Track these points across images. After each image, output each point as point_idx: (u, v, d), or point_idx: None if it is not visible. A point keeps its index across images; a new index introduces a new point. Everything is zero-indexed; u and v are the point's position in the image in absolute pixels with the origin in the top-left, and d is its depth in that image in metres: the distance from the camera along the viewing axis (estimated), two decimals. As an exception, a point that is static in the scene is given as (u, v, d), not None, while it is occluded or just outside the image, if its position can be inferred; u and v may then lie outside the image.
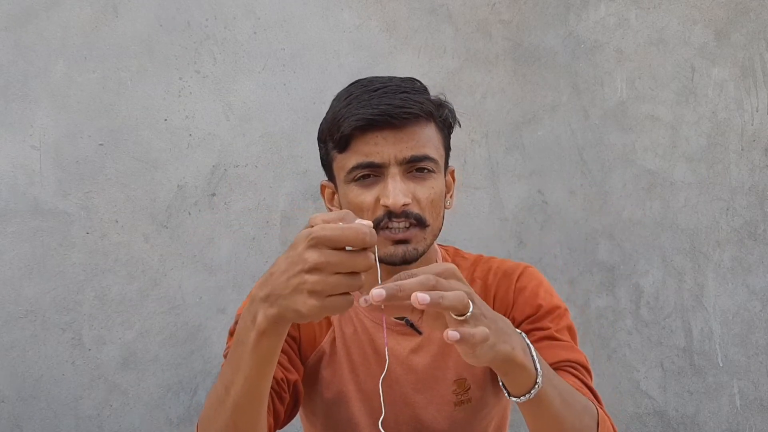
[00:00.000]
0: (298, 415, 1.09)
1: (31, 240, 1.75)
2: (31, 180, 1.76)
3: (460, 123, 0.99)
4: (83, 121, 1.78)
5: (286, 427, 0.96)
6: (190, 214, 1.83)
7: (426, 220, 0.89)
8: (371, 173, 0.89)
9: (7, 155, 1.75)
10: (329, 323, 1.00)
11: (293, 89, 1.89)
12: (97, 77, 1.79)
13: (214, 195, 1.85)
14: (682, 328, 2.02)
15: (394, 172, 0.87)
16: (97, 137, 1.79)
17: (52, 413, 1.76)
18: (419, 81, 0.94)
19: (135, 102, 1.81)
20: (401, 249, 0.89)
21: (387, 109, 0.86)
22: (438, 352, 0.99)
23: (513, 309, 0.99)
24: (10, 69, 1.75)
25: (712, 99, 2.03)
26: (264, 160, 1.87)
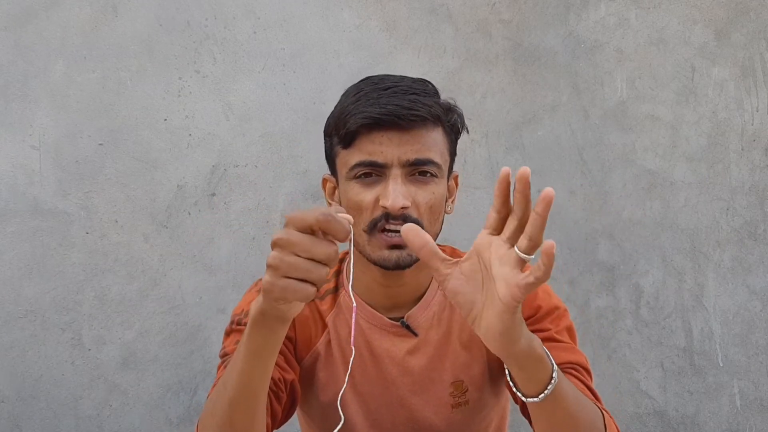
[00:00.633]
0: (296, 415, 1.09)
1: (30, 240, 1.75)
2: (31, 180, 1.76)
3: (468, 130, 0.97)
4: (83, 120, 1.78)
5: (284, 426, 0.96)
6: (189, 214, 1.83)
7: (423, 226, 0.87)
8: (373, 172, 0.88)
9: (7, 155, 1.75)
10: (324, 325, 1.00)
11: (293, 89, 1.89)
12: (96, 77, 1.79)
13: (213, 195, 1.85)
14: (682, 328, 2.02)
15: (396, 173, 0.86)
16: (97, 137, 1.79)
17: (51, 413, 1.75)
18: (431, 83, 0.93)
19: (135, 102, 1.81)
20: (395, 254, 0.88)
21: (395, 109, 0.85)
22: (434, 353, 0.98)
23: None
24: (9, 69, 1.75)
25: (713, 99, 2.03)
26: (264, 160, 1.87)
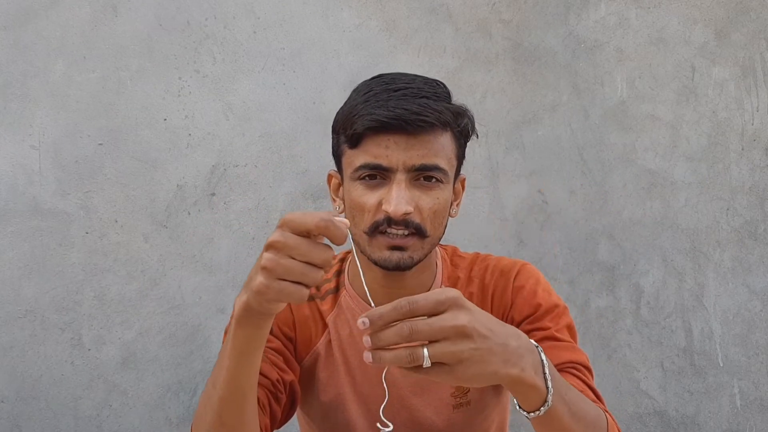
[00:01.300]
0: (296, 416, 1.09)
1: (30, 240, 1.75)
2: (31, 180, 1.75)
3: (478, 134, 0.96)
4: (82, 120, 1.78)
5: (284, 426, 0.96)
6: (189, 213, 1.83)
7: (426, 231, 0.87)
8: (378, 175, 0.87)
9: (7, 155, 1.74)
10: (324, 325, 1.00)
11: (293, 89, 1.89)
12: (96, 77, 1.79)
13: (213, 195, 1.85)
14: (683, 328, 2.02)
15: (400, 178, 0.85)
16: (97, 137, 1.79)
17: (51, 413, 1.75)
18: (443, 85, 0.91)
19: (134, 102, 1.81)
20: (396, 255, 0.87)
21: (403, 113, 0.83)
22: None
23: (512, 309, 0.98)
24: (9, 68, 1.75)
25: (713, 99, 2.03)
26: (264, 159, 1.87)
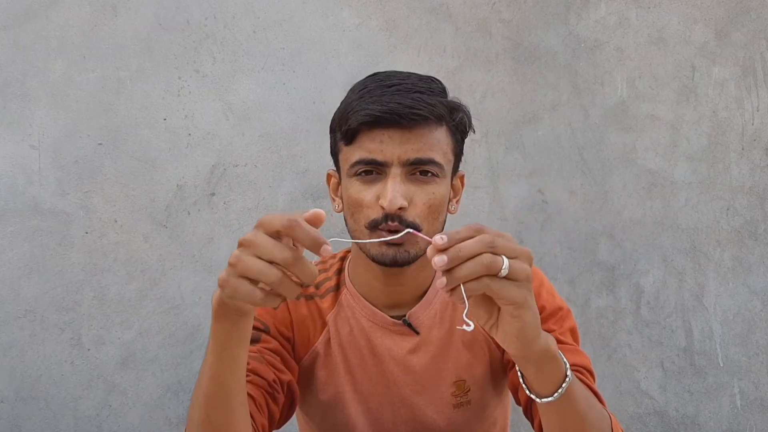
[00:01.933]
0: (295, 416, 1.08)
1: (30, 240, 1.75)
2: (30, 179, 1.75)
3: (474, 129, 0.96)
4: (82, 120, 1.78)
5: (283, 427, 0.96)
6: (189, 213, 1.83)
7: (420, 227, 0.87)
8: (373, 170, 0.87)
9: (6, 155, 1.74)
10: (323, 324, 1.00)
11: (293, 89, 1.88)
12: (96, 76, 1.79)
13: (213, 195, 1.84)
14: (683, 328, 2.02)
15: (395, 172, 0.86)
16: (96, 137, 1.79)
17: (51, 413, 1.75)
18: (439, 82, 0.92)
19: (134, 101, 1.80)
20: (392, 251, 0.87)
21: (396, 107, 0.84)
22: (436, 352, 0.98)
23: None
24: (8, 68, 1.75)
25: (713, 98, 2.03)
26: (263, 159, 1.87)
